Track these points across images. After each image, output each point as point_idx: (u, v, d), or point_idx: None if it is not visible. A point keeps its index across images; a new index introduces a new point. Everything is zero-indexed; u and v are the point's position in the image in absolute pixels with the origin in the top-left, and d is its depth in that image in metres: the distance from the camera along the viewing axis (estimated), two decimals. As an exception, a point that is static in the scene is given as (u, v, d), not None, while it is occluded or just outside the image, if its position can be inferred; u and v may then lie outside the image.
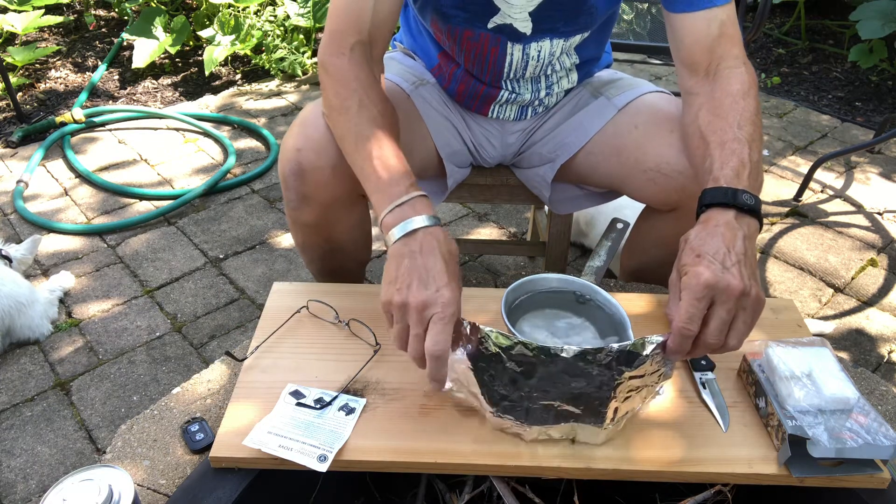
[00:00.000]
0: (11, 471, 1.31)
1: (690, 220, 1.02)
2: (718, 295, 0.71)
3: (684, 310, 0.70)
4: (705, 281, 0.70)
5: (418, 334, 0.74)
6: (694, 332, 0.71)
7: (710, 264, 0.71)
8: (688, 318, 0.70)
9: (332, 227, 1.08)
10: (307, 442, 0.78)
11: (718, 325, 0.71)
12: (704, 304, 0.71)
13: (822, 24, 3.39)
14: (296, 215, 1.04)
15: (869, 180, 2.27)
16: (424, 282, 0.74)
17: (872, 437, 0.75)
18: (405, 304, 0.74)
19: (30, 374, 1.52)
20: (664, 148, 1.01)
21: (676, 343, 0.71)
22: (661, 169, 1.01)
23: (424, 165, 1.15)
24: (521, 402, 0.75)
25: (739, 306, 0.71)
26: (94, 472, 0.70)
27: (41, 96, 2.74)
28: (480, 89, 1.12)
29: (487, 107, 1.15)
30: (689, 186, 0.98)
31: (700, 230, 0.77)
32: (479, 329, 0.73)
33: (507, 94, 1.12)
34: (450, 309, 0.73)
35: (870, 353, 1.60)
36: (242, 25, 2.81)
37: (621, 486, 0.92)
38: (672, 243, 1.09)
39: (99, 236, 1.95)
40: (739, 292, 0.70)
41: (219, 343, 1.60)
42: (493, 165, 1.28)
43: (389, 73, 1.13)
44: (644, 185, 1.05)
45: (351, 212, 1.07)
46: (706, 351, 0.73)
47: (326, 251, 1.15)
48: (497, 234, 2.00)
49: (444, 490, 0.90)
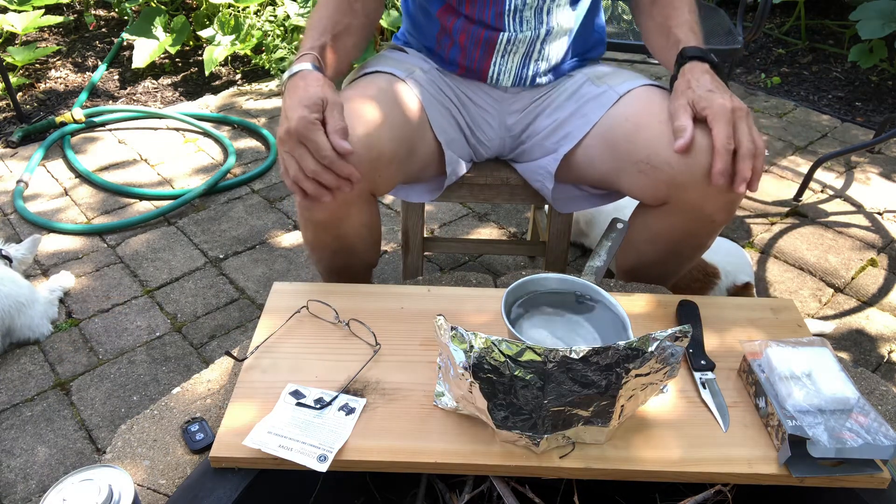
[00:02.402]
0: (11, 471, 1.31)
1: (680, 217, 1.04)
2: (735, 113, 0.93)
3: (722, 134, 0.91)
4: (731, 107, 0.93)
5: (313, 142, 0.89)
6: (732, 146, 0.91)
7: (722, 96, 0.94)
8: (726, 137, 0.91)
9: (343, 226, 1.08)
10: (307, 442, 0.78)
11: (745, 127, 0.93)
12: (731, 125, 0.93)
13: (822, 24, 3.39)
14: (308, 214, 1.06)
15: (869, 180, 2.27)
16: (303, 99, 0.91)
17: (872, 437, 0.75)
18: (289, 129, 0.90)
19: (30, 374, 1.52)
20: (654, 140, 1.01)
21: (723, 161, 0.91)
22: (650, 160, 1.01)
23: (426, 161, 1.15)
24: (531, 412, 0.74)
25: (744, 119, 0.95)
26: (94, 472, 0.70)
27: (41, 96, 2.74)
28: (481, 35, 1.11)
29: (488, 62, 1.14)
30: (677, 178, 0.98)
31: (694, 76, 0.99)
32: (482, 338, 0.72)
33: (507, 35, 1.11)
34: (330, 92, 0.93)
35: (870, 353, 1.60)
36: (242, 25, 2.81)
37: (621, 486, 0.92)
38: (664, 240, 1.11)
39: (99, 236, 1.95)
40: (745, 111, 0.94)
41: (219, 343, 1.60)
42: (493, 155, 1.28)
43: (381, 66, 1.14)
44: (635, 177, 1.05)
45: (362, 210, 1.08)
46: (743, 158, 0.92)
47: (336, 250, 1.15)
48: (497, 234, 2.00)
49: (444, 490, 0.90)
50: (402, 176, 1.12)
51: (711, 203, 1.00)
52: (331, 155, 0.90)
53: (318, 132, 0.90)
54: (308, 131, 0.90)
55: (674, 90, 1.02)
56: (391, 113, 1.05)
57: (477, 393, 0.73)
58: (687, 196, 1.00)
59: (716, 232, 1.09)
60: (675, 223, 1.07)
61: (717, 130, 0.92)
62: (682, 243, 1.11)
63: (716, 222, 1.04)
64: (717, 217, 1.03)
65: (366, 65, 1.18)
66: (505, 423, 0.75)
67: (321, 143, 0.90)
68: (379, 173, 1.02)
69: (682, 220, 1.05)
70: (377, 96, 1.05)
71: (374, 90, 1.07)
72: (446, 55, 1.18)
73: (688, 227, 1.07)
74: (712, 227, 1.06)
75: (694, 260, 1.21)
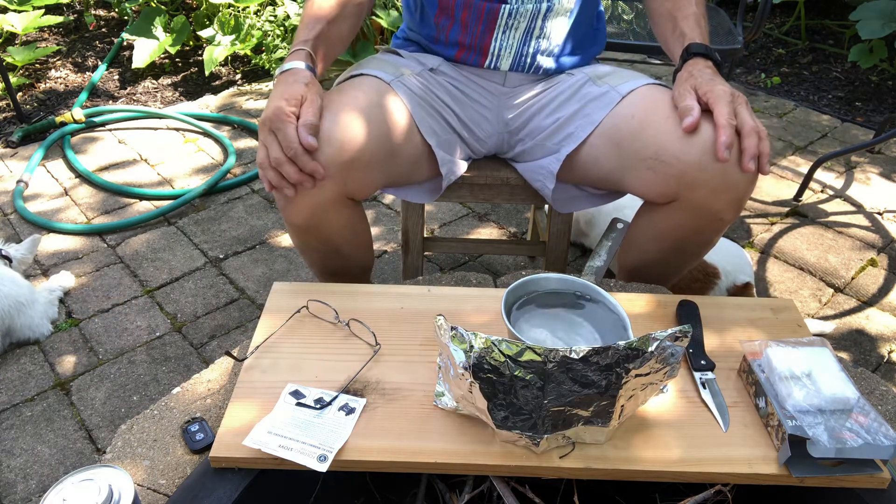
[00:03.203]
0: (11, 471, 1.31)
1: (687, 214, 1.04)
2: (735, 98, 0.98)
3: (724, 112, 0.95)
4: (731, 92, 0.98)
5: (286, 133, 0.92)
6: (734, 123, 0.95)
7: (723, 84, 1.00)
8: (728, 114, 0.95)
9: (323, 228, 1.09)
10: (307, 442, 0.78)
11: (745, 111, 0.97)
12: (731, 106, 0.97)
13: (822, 24, 3.39)
14: (285, 215, 1.07)
15: (869, 180, 2.27)
16: (283, 93, 0.95)
17: (872, 437, 0.75)
18: (264, 118, 0.94)
19: (30, 374, 1.52)
20: (662, 136, 1.01)
21: (727, 133, 0.94)
22: (659, 156, 1.01)
23: (414, 163, 1.14)
24: (531, 412, 0.74)
25: (744, 105, 0.99)
26: (94, 472, 0.70)
27: (41, 96, 2.74)
28: (483, 7, 1.10)
29: (489, 38, 1.14)
30: (688, 173, 0.99)
31: (698, 70, 1.03)
32: (482, 338, 0.72)
33: (509, 8, 1.10)
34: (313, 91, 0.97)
35: (870, 353, 1.60)
36: (242, 25, 2.81)
37: (621, 486, 0.92)
38: (670, 239, 1.11)
39: (99, 236, 1.95)
40: (745, 100, 0.99)
41: (219, 343, 1.60)
42: (492, 152, 1.28)
43: (368, 69, 1.14)
44: (643, 174, 1.05)
45: (340, 213, 1.08)
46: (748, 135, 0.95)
47: (324, 253, 1.15)
48: (497, 234, 2.00)
49: (444, 490, 0.90)
50: (385, 179, 1.11)
51: (721, 200, 1.00)
52: (296, 148, 0.93)
53: (288, 124, 0.93)
54: (280, 121, 0.93)
55: (676, 79, 1.06)
56: (371, 116, 1.04)
57: (477, 393, 0.73)
58: (696, 193, 1.00)
59: (722, 230, 1.10)
60: (682, 221, 1.07)
61: (719, 109, 0.96)
62: (688, 241, 1.11)
63: (723, 220, 1.04)
64: (725, 215, 1.03)
65: (355, 67, 1.18)
66: (505, 423, 0.75)
67: (289, 135, 0.92)
68: (352, 176, 1.02)
69: (690, 218, 1.05)
70: (358, 99, 1.05)
71: (355, 93, 1.07)
72: (446, 37, 1.17)
73: (695, 225, 1.07)
74: (719, 224, 1.06)
75: (697, 259, 1.21)
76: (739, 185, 0.98)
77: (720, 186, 0.98)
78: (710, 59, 1.05)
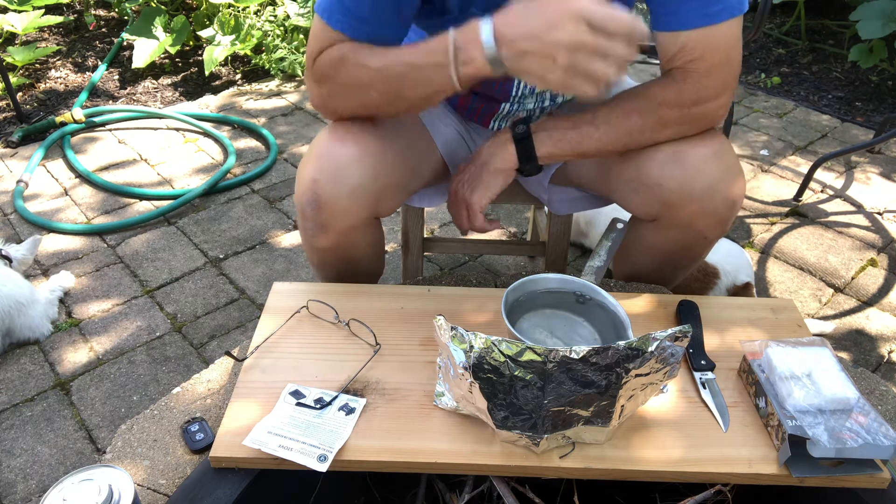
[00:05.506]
0: (11, 471, 1.31)
1: (672, 231, 1.05)
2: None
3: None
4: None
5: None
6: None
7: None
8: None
9: (349, 249, 1.08)
10: (307, 442, 0.78)
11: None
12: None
13: (822, 24, 3.39)
14: (313, 241, 1.04)
15: (869, 180, 2.27)
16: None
17: (872, 437, 0.75)
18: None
19: (30, 374, 1.52)
20: (644, 160, 0.99)
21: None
22: (641, 179, 1.01)
23: (430, 177, 1.17)
24: (531, 412, 0.74)
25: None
26: (94, 472, 0.70)
27: (41, 96, 2.74)
28: (479, 106, 1.14)
29: (488, 120, 1.17)
30: (669, 198, 0.98)
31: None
32: (482, 338, 0.72)
33: (508, 106, 1.12)
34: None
35: (870, 353, 1.60)
36: (242, 25, 2.81)
37: (621, 486, 0.92)
38: (659, 252, 1.12)
39: (99, 236, 1.95)
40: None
41: (219, 343, 1.60)
42: None
43: None
44: (627, 194, 1.05)
45: (366, 233, 1.08)
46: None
47: (341, 269, 1.15)
48: (497, 234, 2.00)
49: (444, 490, 0.90)
50: (406, 196, 1.13)
51: (703, 221, 1.00)
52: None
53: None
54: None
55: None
56: (396, 140, 1.03)
57: (477, 393, 0.73)
58: (679, 214, 1.00)
59: (709, 246, 1.10)
60: (669, 237, 1.07)
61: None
62: (677, 255, 1.12)
63: (707, 238, 1.05)
64: (710, 234, 1.03)
65: None
66: (505, 423, 0.75)
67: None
68: (384, 201, 1.02)
69: (676, 235, 1.06)
70: (383, 126, 1.03)
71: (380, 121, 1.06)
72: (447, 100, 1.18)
73: (681, 241, 1.07)
74: (705, 242, 1.07)
75: (690, 269, 1.21)
76: (720, 209, 0.98)
77: (702, 210, 0.97)
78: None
